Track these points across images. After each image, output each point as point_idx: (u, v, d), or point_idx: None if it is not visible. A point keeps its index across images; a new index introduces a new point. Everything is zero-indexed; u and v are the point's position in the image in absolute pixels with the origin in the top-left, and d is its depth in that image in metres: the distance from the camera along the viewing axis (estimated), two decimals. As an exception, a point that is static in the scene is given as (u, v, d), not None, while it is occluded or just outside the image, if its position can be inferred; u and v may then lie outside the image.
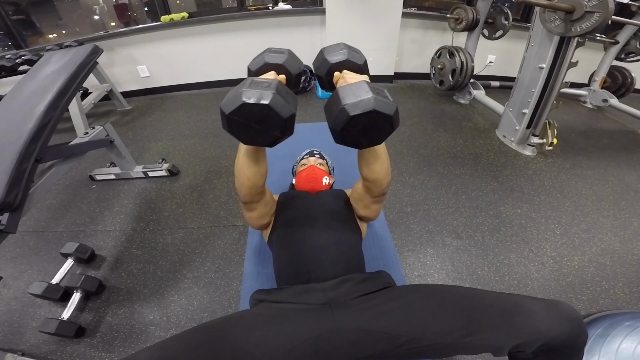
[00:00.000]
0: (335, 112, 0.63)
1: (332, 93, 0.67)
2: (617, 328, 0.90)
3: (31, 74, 1.33)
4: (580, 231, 1.50)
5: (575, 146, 2.23)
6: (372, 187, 0.96)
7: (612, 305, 1.17)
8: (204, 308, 1.16)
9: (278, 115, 0.62)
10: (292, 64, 0.81)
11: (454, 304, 0.73)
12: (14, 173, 0.99)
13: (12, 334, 1.10)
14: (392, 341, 0.71)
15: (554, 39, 1.76)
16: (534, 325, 0.64)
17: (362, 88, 0.63)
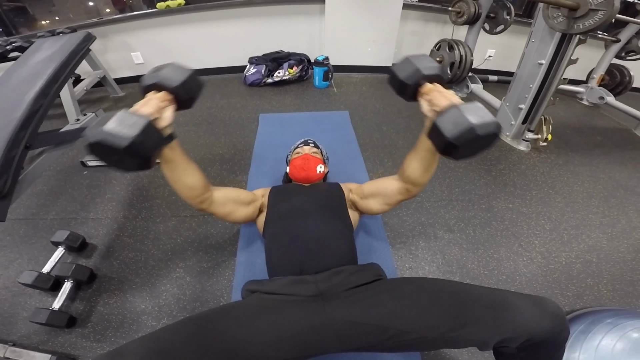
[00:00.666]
0: (460, 128, 0.68)
1: (451, 110, 0.70)
2: (599, 325, 0.92)
3: (21, 61, 1.30)
4: (569, 227, 1.53)
5: (569, 142, 2.24)
6: (414, 190, 1.02)
7: (596, 302, 1.20)
8: (196, 298, 1.16)
9: (133, 158, 0.69)
10: (187, 88, 0.83)
11: (441, 298, 0.74)
12: (2, 160, 0.97)
13: (2, 324, 1.09)
14: (381, 333, 0.73)
15: (555, 35, 1.74)
16: (519, 321, 0.66)
17: (481, 109, 0.71)
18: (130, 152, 0.66)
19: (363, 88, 2.84)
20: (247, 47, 2.83)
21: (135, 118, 0.68)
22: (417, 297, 0.75)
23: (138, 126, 0.66)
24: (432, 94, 0.78)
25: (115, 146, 0.65)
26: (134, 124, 0.66)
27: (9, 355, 0.97)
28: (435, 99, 0.77)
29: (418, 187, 1.01)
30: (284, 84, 2.81)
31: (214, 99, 2.60)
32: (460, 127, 0.67)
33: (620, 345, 0.85)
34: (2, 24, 2.51)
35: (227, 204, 1.08)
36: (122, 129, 0.66)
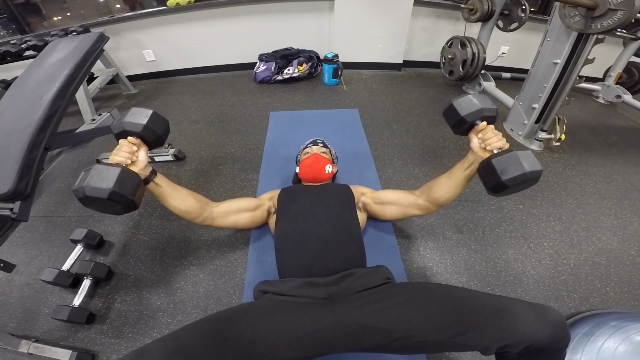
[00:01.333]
0: (515, 173, 0.80)
1: (509, 155, 0.83)
2: (603, 328, 0.93)
3: (37, 62, 1.33)
4: (579, 229, 1.51)
5: (583, 142, 2.20)
6: (434, 209, 1.16)
7: (602, 304, 1.20)
8: (209, 295, 1.20)
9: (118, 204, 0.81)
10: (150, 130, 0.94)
11: (447, 304, 0.76)
12: (24, 161, 1.01)
13: (25, 320, 1.14)
14: (387, 336, 0.75)
15: (571, 34, 1.70)
16: (520, 329, 0.67)
17: (532, 157, 0.84)
18: (112, 200, 0.78)
19: (373, 85, 2.82)
20: (257, 44, 2.84)
21: (109, 170, 0.80)
22: (422, 302, 0.78)
23: (113, 177, 0.79)
24: (487, 134, 0.90)
25: (99, 197, 0.78)
26: (110, 176, 0.79)
27: (32, 351, 1.01)
28: (489, 139, 0.90)
29: (438, 207, 1.14)
30: (293, 81, 2.81)
31: (225, 96, 2.62)
32: (516, 173, 0.80)
33: (622, 348, 0.86)
34: (15, 21, 2.56)
35: (230, 215, 1.17)
36: (101, 182, 0.78)
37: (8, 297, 1.21)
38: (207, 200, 1.14)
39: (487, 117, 0.93)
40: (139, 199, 0.86)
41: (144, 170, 0.94)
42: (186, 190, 1.07)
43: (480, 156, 0.93)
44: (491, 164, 0.83)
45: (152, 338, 1.09)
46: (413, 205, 1.18)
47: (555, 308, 0.72)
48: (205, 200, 1.14)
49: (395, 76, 3.02)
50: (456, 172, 1.02)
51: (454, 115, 0.95)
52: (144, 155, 0.94)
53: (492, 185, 0.85)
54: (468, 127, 0.95)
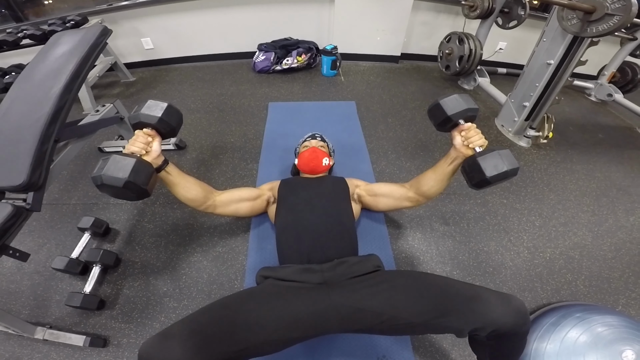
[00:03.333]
0: (498, 171, 0.90)
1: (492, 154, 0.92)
2: (568, 318, 1.03)
3: (42, 55, 1.35)
4: (558, 224, 1.62)
5: (570, 140, 2.29)
6: (423, 201, 1.25)
7: (571, 296, 1.31)
8: (213, 281, 1.29)
9: (132, 192, 0.89)
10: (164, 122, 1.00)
11: (428, 290, 0.86)
12: (36, 154, 1.06)
13: (38, 307, 1.20)
14: (376, 318, 0.86)
15: (567, 37, 1.75)
16: (488, 314, 0.78)
17: (511, 156, 0.94)
18: (127, 188, 0.86)
19: (370, 77, 2.85)
20: (256, 34, 2.83)
21: (125, 161, 0.87)
22: (407, 289, 0.88)
23: (129, 167, 0.86)
24: (470, 133, 0.98)
25: (115, 185, 0.85)
26: (125, 166, 0.86)
27: (48, 337, 1.08)
28: (471, 137, 0.98)
29: (427, 200, 1.23)
30: (292, 72, 2.83)
31: (224, 86, 2.64)
32: (499, 170, 0.90)
33: (583, 338, 0.96)
34: (9, 9, 2.51)
35: (231, 204, 1.25)
36: (117, 171, 0.85)
37: (19, 285, 1.27)
38: (210, 188, 1.21)
39: (469, 117, 1.00)
40: (151, 188, 0.93)
41: (157, 160, 1.01)
42: (193, 179, 1.14)
43: (462, 153, 1.01)
44: (476, 163, 0.92)
45: (161, 322, 1.17)
46: (404, 198, 1.26)
47: (519, 298, 0.82)
48: (209, 188, 1.20)
49: (392, 69, 3.05)
50: (441, 167, 1.11)
51: (440, 113, 1.02)
52: (157, 145, 1.01)
53: (476, 181, 0.95)
54: (452, 125, 1.02)
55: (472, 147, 0.98)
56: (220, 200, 1.21)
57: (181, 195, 1.11)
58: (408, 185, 1.26)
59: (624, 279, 1.39)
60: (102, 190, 0.90)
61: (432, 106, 1.05)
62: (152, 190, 0.95)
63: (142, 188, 0.89)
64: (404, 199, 1.27)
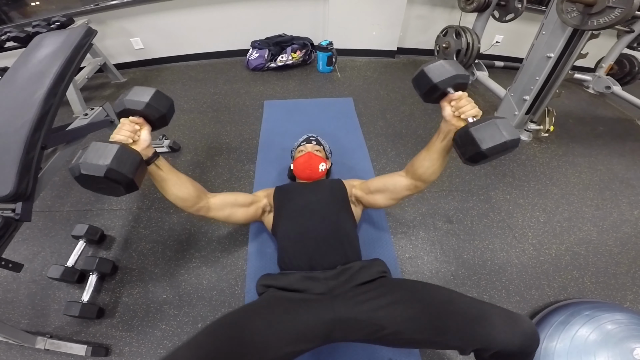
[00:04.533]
0: (496, 142, 0.77)
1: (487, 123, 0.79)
2: (577, 317, 1.01)
3: (23, 58, 1.29)
4: (562, 220, 1.60)
5: (571, 132, 2.27)
6: (422, 186, 1.10)
7: (579, 293, 1.29)
8: (213, 287, 1.25)
9: (117, 183, 0.76)
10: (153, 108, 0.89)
11: (430, 307, 0.84)
12: (22, 162, 1.00)
13: (36, 316, 1.17)
14: (378, 330, 0.83)
15: (567, 29, 1.71)
16: (493, 335, 0.75)
17: (509, 125, 0.81)
18: (110, 178, 0.73)
19: (367, 73, 2.81)
20: (250, 31, 2.77)
21: (107, 147, 0.75)
22: (411, 304, 0.85)
23: (110, 154, 0.73)
24: (461, 102, 0.85)
25: (96, 175, 0.72)
26: (107, 153, 0.73)
27: (49, 347, 1.05)
28: (463, 106, 0.85)
29: (426, 184, 1.09)
30: (287, 69, 2.78)
31: (218, 85, 2.58)
32: (496, 141, 0.77)
33: (593, 336, 0.94)
34: None
35: (225, 208, 1.15)
36: (98, 159, 0.72)
37: (16, 294, 1.23)
38: (204, 190, 1.12)
39: (460, 84, 0.88)
40: (139, 179, 0.81)
41: (146, 151, 0.89)
42: (186, 177, 1.04)
43: (454, 125, 0.88)
44: (469, 133, 0.79)
45: (162, 330, 1.14)
46: (401, 187, 1.13)
47: (527, 318, 0.80)
48: (203, 190, 1.12)
49: (389, 63, 3.00)
50: (433, 145, 0.98)
51: (425, 82, 0.88)
52: (146, 134, 0.89)
53: (470, 155, 0.81)
54: (440, 95, 0.89)
55: (464, 117, 0.85)
56: (214, 202, 1.12)
57: (172, 193, 1.01)
58: (403, 171, 1.14)
59: (631, 274, 1.38)
60: (83, 183, 0.77)
61: (417, 74, 0.91)
62: (141, 183, 0.83)
63: (127, 177, 0.76)
64: (401, 188, 1.14)
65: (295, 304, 0.88)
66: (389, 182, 1.18)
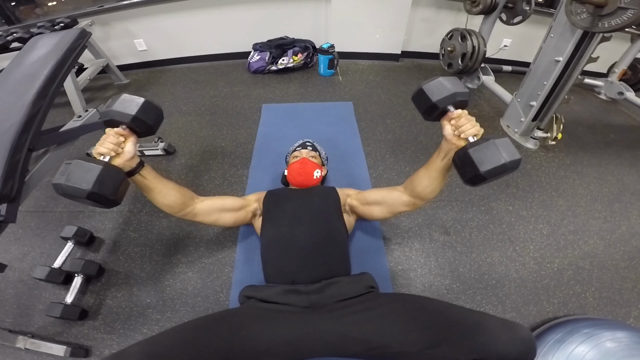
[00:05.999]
0: (494, 165, 0.75)
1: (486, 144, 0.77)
2: (575, 335, 0.95)
3: (17, 60, 1.30)
4: (567, 232, 1.52)
5: (580, 141, 2.17)
6: (420, 204, 1.09)
7: (580, 309, 1.22)
8: (197, 293, 1.23)
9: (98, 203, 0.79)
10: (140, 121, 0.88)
11: (422, 317, 0.79)
12: (7, 165, 1.00)
13: (20, 316, 1.17)
14: (364, 346, 0.79)
15: (576, 32, 1.64)
16: (491, 345, 0.69)
17: (510, 145, 0.79)
18: (92, 199, 0.76)
19: (369, 76, 2.76)
20: (251, 33, 2.76)
21: (90, 167, 0.76)
22: (400, 317, 0.80)
23: (93, 176, 0.75)
24: (461, 121, 0.84)
25: (78, 196, 0.75)
26: (89, 174, 0.75)
27: (29, 347, 1.05)
28: (463, 126, 0.83)
29: (425, 201, 1.08)
30: (288, 72, 2.76)
31: (217, 87, 2.58)
32: (495, 164, 0.75)
33: (591, 355, 0.88)
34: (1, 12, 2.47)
35: (212, 214, 1.15)
36: (80, 181, 0.74)
37: (3, 294, 1.23)
38: (192, 195, 1.11)
39: (459, 102, 0.86)
40: (120, 197, 0.83)
41: (131, 162, 0.89)
42: (172, 184, 1.04)
43: (454, 144, 0.87)
44: (468, 155, 0.77)
45: (142, 334, 1.12)
46: (399, 203, 1.13)
47: (525, 327, 0.74)
48: (190, 195, 1.11)
49: (392, 67, 2.95)
50: (433, 163, 0.97)
51: (425, 101, 0.87)
52: (131, 146, 0.88)
53: (469, 177, 0.80)
54: (440, 113, 0.88)
55: (464, 137, 0.83)
56: (200, 208, 1.11)
57: (157, 201, 1.01)
58: (402, 187, 1.13)
59: (637, 290, 1.30)
60: (68, 198, 0.79)
61: (416, 92, 0.90)
62: (122, 198, 0.85)
63: (108, 199, 0.79)
64: (399, 204, 1.13)
65: (273, 315, 0.85)
66: (387, 196, 1.16)
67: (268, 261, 1.06)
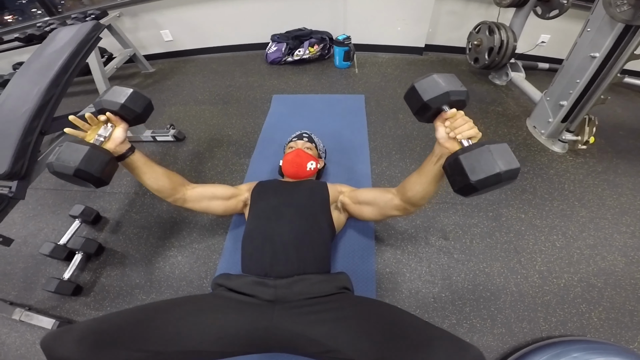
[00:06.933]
0: (487, 174, 0.67)
1: (479, 150, 0.69)
2: (564, 358, 0.86)
3: (39, 51, 1.41)
4: (584, 246, 1.37)
5: (618, 147, 1.93)
6: (412, 210, 1.05)
7: (579, 330, 1.10)
8: (183, 277, 1.27)
9: (85, 181, 0.83)
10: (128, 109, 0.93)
11: (376, 328, 0.76)
12: (19, 146, 1.10)
13: (25, 289, 1.27)
14: (317, 347, 0.77)
15: (616, 26, 1.45)
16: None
17: (508, 152, 0.69)
18: (79, 176, 0.81)
19: (388, 70, 2.66)
20: (271, 24, 2.77)
21: (78, 148, 0.82)
22: (355, 323, 0.78)
23: (80, 155, 0.80)
24: (457, 121, 0.76)
25: (66, 173, 0.80)
26: (77, 154, 0.80)
27: (23, 319, 1.14)
28: (458, 127, 0.75)
29: (416, 208, 1.04)
30: (304, 63, 2.73)
31: (234, 77, 2.63)
32: (488, 173, 0.66)
33: None
34: (43, 4, 2.68)
35: (202, 201, 1.16)
36: (68, 159, 0.80)
37: (14, 267, 1.35)
38: (183, 181, 1.15)
39: (455, 102, 0.78)
40: (107, 176, 0.88)
41: (121, 147, 0.94)
42: (162, 170, 1.07)
43: (447, 148, 0.79)
44: (458, 161, 0.69)
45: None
46: (389, 206, 1.08)
47: (478, 349, 0.68)
48: (181, 181, 1.14)
49: (415, 61, 2.81)
50: (426, 168, 0.91)
51: (416, 100, 0.79)
52: (120, 132, 0.94)
53: (459, 186, 0.71)
54: (434, 113, 0.80)
55: (459, 139, 0.75)
56: (190, 195, 1.14)
57: (147, 185, 1.06)
58: (395, 190, 1.07)
59: None
60: (59, 177, 0.84)
61: (408, 90, 0.83)
62: (110, 178, 0.90)
63: (94, 176, 0.83)
64: (389, 207, 1.08)
65: (232, 305, 0.85)
66: (379, 198, 1.12)
67: (245, 252, 1.07)
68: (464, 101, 0.79)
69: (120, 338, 0.70)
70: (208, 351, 0.76)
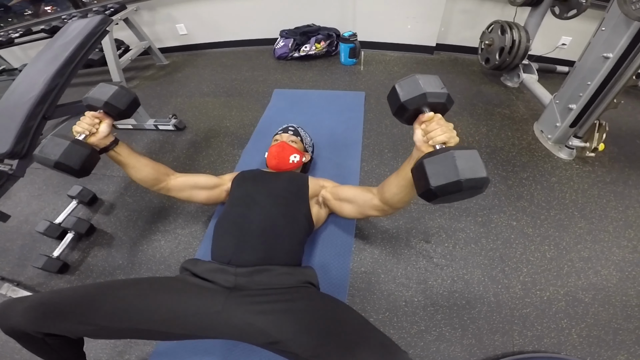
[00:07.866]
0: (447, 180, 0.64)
1: (443, 155, 0.67)
2: None
3: (51, 43, 1.51)
4: (577, 259, 1.29)
5: (632, 156, 1.79)
6: (390, 211, 1.06)
7: (555, 347, 1.04)
8: (163, 261, 1.32)
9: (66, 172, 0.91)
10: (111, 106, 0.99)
11: (319, 325, 0.77)
12: (22, 129, 1.20)
13: (18, 266, 1.34)
14: (265, 337, 0.78)
15: (632, 25, 1.35)
16: None
17: (476, 159, 0.66)
18: (59, 168, 0.88)
19: (395, 68, 2.61)
20: (281, 20, 2.79)
21: (60, 141, 0.89)
22: (301, 316, 0.79)
23: (60, 149, 0.87)
24: (431, 125, 0.74)
25: (47, 165, 0.88)
26: (58, 147, 0.87)
27: (10, 294, 1.22)
28: (432, 131, 0.73)
29: (394, 210, 1.04)
30: (310, 59, 2.74)
31: (241, 71, 2.68)
32: (448, 179, 0.64)
33: None
34: None
35: (185, 190, 1.20)
36: (49, 152, 0.87)
37: (13, 244, 1.44)
38: (167, 171, 1.19)
39: (434, 104, 0.76)
40: (86, 168, 0.94)
41: (105, 140, 1.00)
42: (146, 160, 1.12)
43: (423, 152, 0.77)
44: (422, 165, 0.67)
45: (106, 293, 1.26)
46: (369, 205, 1.08)
47: (407, 355, 0.67)
48: (165, 171, 1.18)
49: (424, 60, 2.74)
50: (402, 171, 0.90)
51: (395, 99, 0.78)
52: (105, 127, 0.99)
53: (422, 191, 0.69)
54: (412, 115, 0.78)
55: (431, 144, 0.74)
56: (173, 184, 1.18)
57: (131, 175, 1.11)
58: (376, 190, 1.07)
59: (639, 333, 1.06)
60: (44, 166, 0.91)
61: (390, 90, 0.82)
62: (91, 170, 0.96)
63: (73, 169, 0.90)
64: (369, 207, 1.08)
65: (187, 289, 0.88)
66: (360, 196, 1.12)
67: (214, 238, 1.09)
68: (444, 104, 0.77)
69: (69, 311, 0.74)
70: (153, 330, 0.79)
